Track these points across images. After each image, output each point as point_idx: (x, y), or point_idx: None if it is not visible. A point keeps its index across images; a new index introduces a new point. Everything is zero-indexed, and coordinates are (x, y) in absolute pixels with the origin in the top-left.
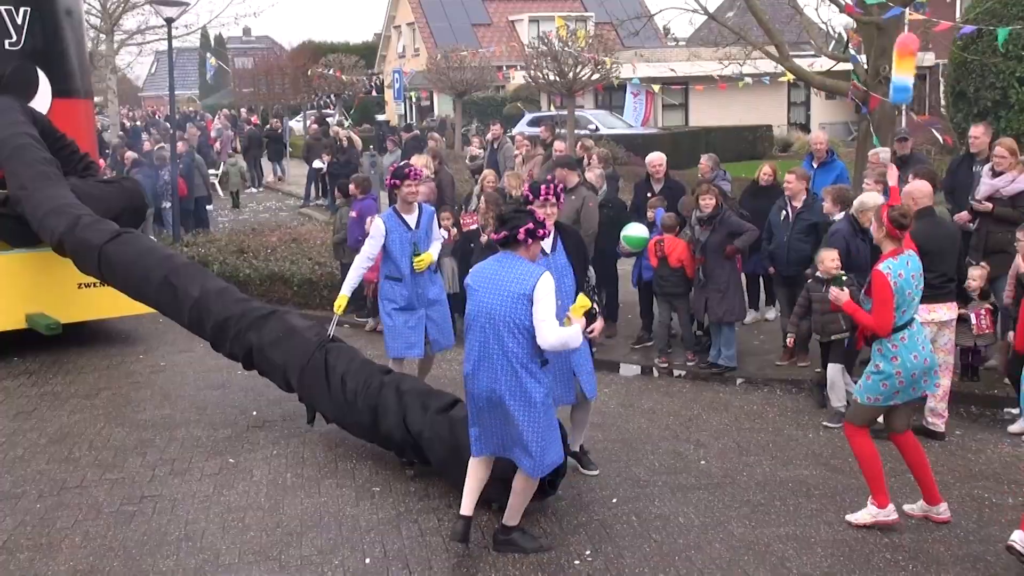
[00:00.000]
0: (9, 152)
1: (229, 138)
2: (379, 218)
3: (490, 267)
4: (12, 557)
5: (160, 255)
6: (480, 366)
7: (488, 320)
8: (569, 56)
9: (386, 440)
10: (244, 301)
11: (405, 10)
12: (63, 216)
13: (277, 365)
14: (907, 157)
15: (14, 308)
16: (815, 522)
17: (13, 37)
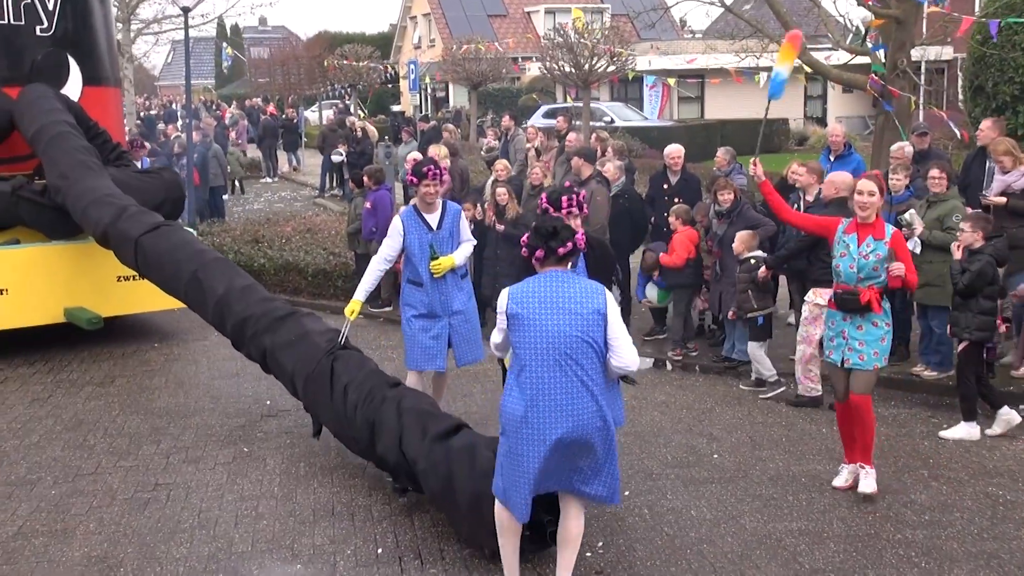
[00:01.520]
0: (48, 140)
1: (244, 128)
2: (397, 216)
3: (540, 288)
4: (27, 543)
5: (193, 250)
6: (547, 404)
7: (555, 348)
8: (585, 48)
9: (381, 461)
10: (266, 301)
11: (421, 0)
12: (107, 207)
13: (286, 370)
14: (925, 152)
15: (52, 302)
16: (828, 517)
17: (44, 23)
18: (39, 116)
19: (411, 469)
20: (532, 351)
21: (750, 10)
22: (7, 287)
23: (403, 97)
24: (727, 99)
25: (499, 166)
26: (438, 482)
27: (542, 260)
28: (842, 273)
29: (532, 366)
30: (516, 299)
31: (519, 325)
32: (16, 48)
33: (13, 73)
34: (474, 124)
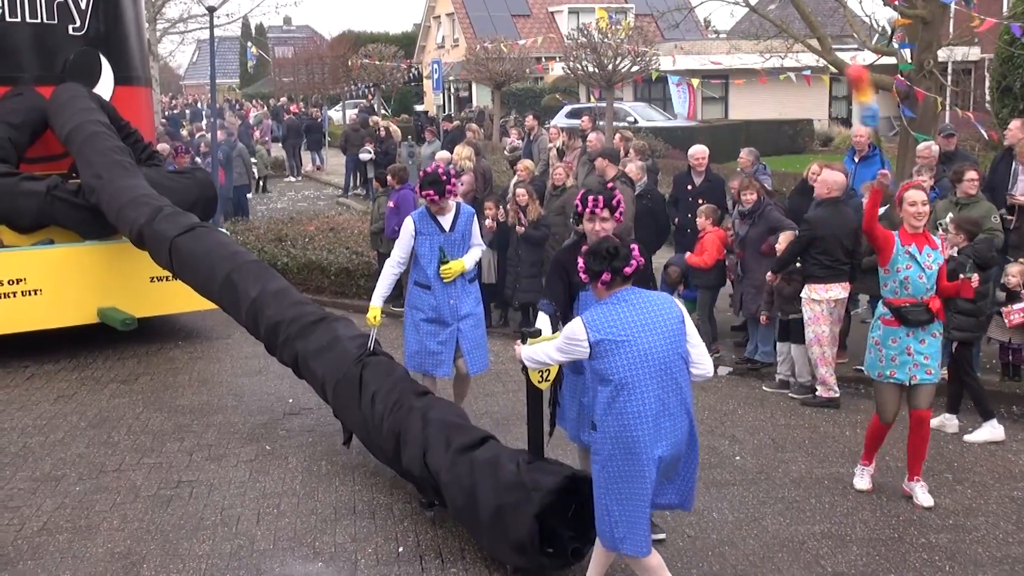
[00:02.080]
0: (82, 140)
1: (268, 127)
2: (409, 217)
3: (624, 311)
4: (52, 538)
5: (228, 251)
6: (652, 425)
7: (656, 368)
8: (609, 48)
9: (407, 473)
10: (298, 305)
11: (445, 0)
12: (143, 207)
13: (317, 376)
14: (952, 153)
15: (85, 302)
16: (851, 520)
17: (77, 22)
18: (73, 116)
19: (435, 482)
20: (632, 374)
21: (775, 10)
22: (41, 287)
23: (426, 97)
24: (751, 99)
25: (520, 167)
26: (461, 495)
27: (609, 283)
28: (911, 286)
29: (633, 389)
30: (599, 326)
31: (611, 351)
32: (49, 47)
33: (46, 72)
34: (497, 124)
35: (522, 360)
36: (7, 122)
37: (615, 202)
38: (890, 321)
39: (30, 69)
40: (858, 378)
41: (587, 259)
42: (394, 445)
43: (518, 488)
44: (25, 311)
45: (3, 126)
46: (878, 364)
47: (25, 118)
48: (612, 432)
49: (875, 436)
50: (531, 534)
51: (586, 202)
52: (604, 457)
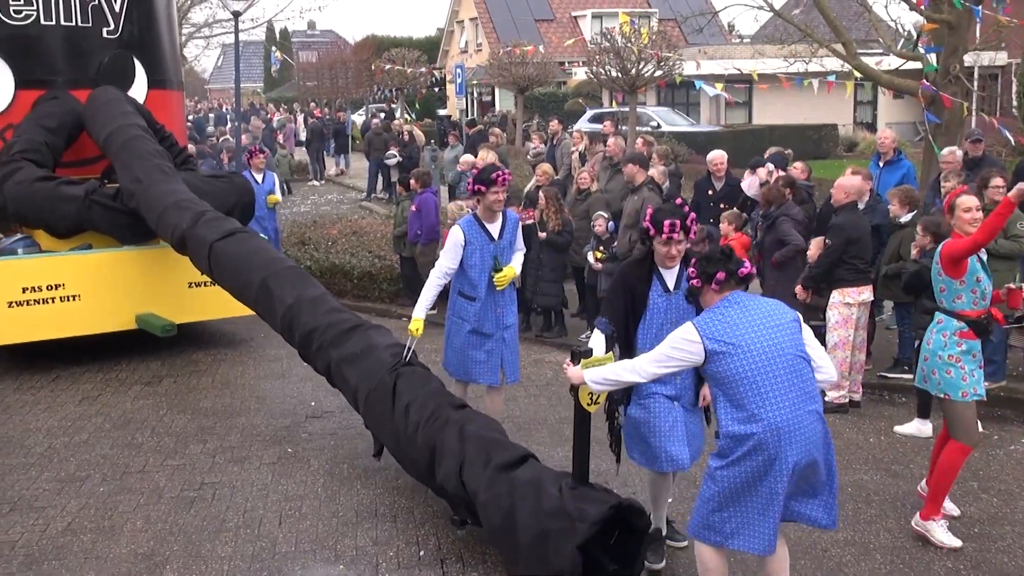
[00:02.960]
0: (120, 144)
1: (292, 131)
2: (457, 226)
3: (740, 314)
4: (76, 538)
5: (266, 257)
6: (792, 426)
7: (785, 367)
8: (632, 52)
9: (440, 489)
10: (334, 312)
11: (468, 5)
12: (185, 211)
13: (350, 385)
14: (979, 159)
15: (124, 308)
16: (874, 528)
17: (111, 25)
18: (111, 119)
19: (470, 500)
20: (757, 375)
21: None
22: (79, 293)
23: (450, 101)
24: (775, 104)
25: (539, 171)
26: (499, 516)
27: (723, 283)
28: (988, 295)
29: (758, 389)
30: (714, 331)
31: (730, 354)
32: (83, 50)
33: (80, 76)
34: (520, 128)
35: (585, 382)
36: (43, 126)
37: (690, 221)
38: (968, 334)
39: (64, 72)
40: (883, 384)
41: (700, 263)
42: (428, 458)
43: (561, 516)
44: (64, 317)
45: (39, 130)
46: (961, 383)
47: (61, 122)
48: (738, 434)
49: (955, 467)
50: (574, 566)
51: (661, 226)
52: (731, 461)
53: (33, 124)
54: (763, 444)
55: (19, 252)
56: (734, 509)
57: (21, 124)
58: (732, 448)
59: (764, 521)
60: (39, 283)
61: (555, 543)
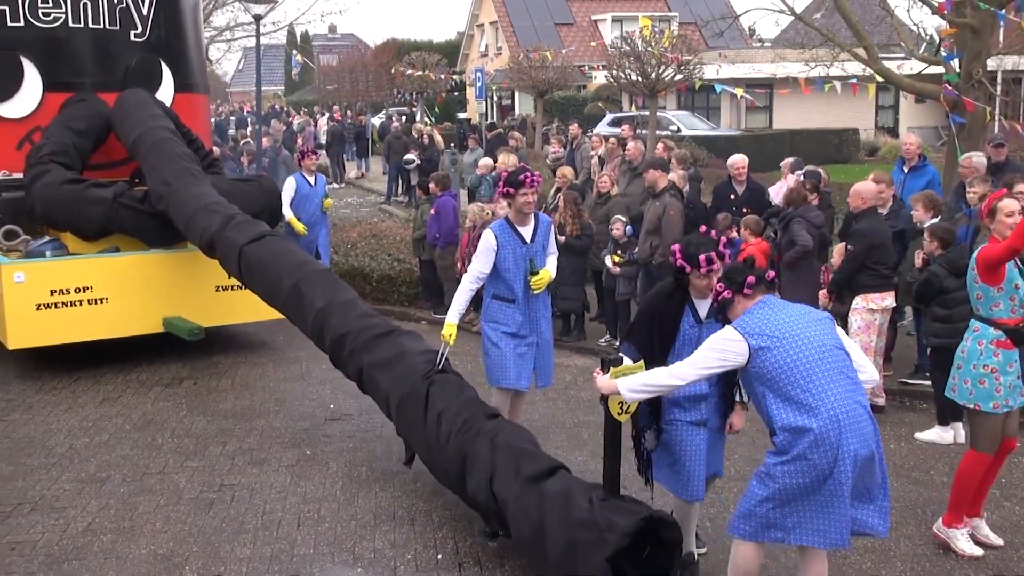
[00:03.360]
0: (149, 146)
1: (311, 134)
2: (489, 230)
3: (775, 312)
4: (96, 539)
5: (296, 261)
6: (852, 415)
7: (829, 358)
8: (652, 56)
9: (472, 500)
10: (366, 317)
11: (488, 9)
12: (214, 215)
13: (382, 391)
14: (1002, 164)
15: (151, 311)
16: (895, 535)
17: (139, 28)
18: (140, 122)
19: (501, 511)
20: (809, 367)
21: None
22: (107, 295)
23: (469, 105)
24: (796, 108)
25: (558, 174)
26: (528, 528)
27: (754, 286)
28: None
29: (809, 381)
30: (755, 330)
31: (778, 349)
32: (111, 53)
33: (107, 78)
34: (539, 132)
35: (617, 391)
36: (71, 128)
37: (722, 247)
38: (1006, 343)
39: (92, 75)
40: (903, 391)
41: (727, 276)
42: (459, 467)
43: (590, 527)
44: (91, 320)
45: (68, 132)
46: (994, 394)
47: (89, 124)
48: (796, 427)
49: (976, 478)
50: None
51: (697, 262)
52: (792, 456)
53: (61, 127)
54: (824, 437)
55: (47, 254)
56: (797, 504)
57: (49, 126)
58: (791, 443)
59: (831, 513)
60: (67, 286)
61: (584, 554)
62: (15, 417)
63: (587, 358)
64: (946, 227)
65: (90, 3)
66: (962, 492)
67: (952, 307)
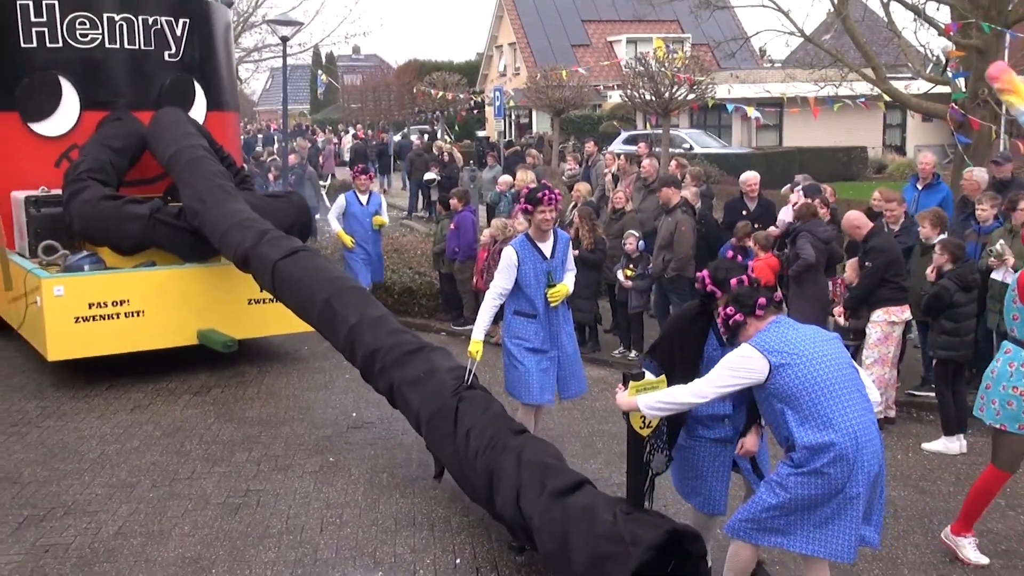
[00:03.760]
0: (184, 164)
1: (331, 151)
2: (510, 247)
3: (789, 331)
4: (126, 542)
5: (328, 276)
6: (868, 432)
7: (843, 376)
8: (665, 76)
9: (500, 517)
10: (397, 333)
11: (507, 31)
12: (248, 230)
13: (412, 407)
14: (1008, 181)
15: (186, 324)
16: (902, 543)
17: (172, 49)
18: (175, 140)
19: (527, 526)
20: (829, 384)
21: (830, 40)
22: (143, 308)
23: (488, 123)
24: (805, 127)
25: (574, 190)
26: (553, 542)
27: (765, 307)
28: None
29: (829, 395)
30: (773, 347)
31: (797, 366)
32: (146, 73)
33: (142, 97)
34: (556, 149)
35: (639, 408)
36: (108, 146)
37: (751, 271)
38: None
39: (127, 94)
40: (910, 402)
41: (737, 300)
42: (487, 484)
43: (615, 540)
44: (128, 332)
45: (105, 150)
46: (1021, 416)
47: (125, 142)
48: (817, 445)
49: (992, 492)
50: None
51: (728, 287)
52: (809, 470)
53: (98, 144)
54: (844, 453)
55: (85, 269)
56: (803, 514)
57: (86, 144)
58: (810, 458)
59: (836, 526)
60: (104, 299)
61: (609, 568)
62: (49, 424)
63: (601, 369)
64: (957, 242)
65: (126, 24)
66: (975, 505)
67: (960, 320)
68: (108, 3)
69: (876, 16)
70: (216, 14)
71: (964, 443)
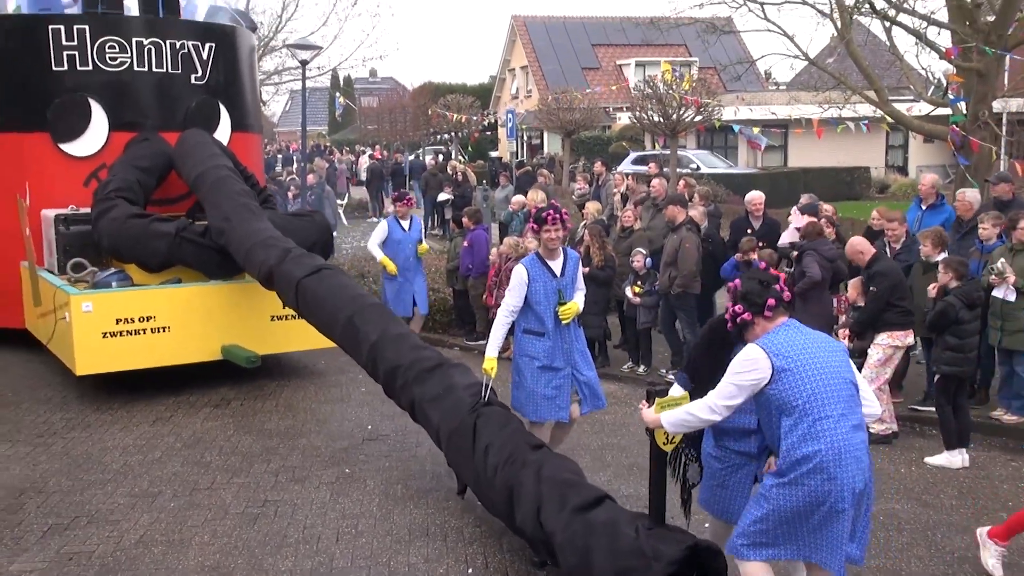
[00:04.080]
0: (210, 184)
1: (342, 171)
2: (520, 265)
3: (794, 335)
4: (147, 551)
5: (351, 294)
6: (853, 448)
7: (839, 390)
8: (673, 99)
9: (521, 532)
10: (417, 350)
11: (519, 54)
12: (272, 249)
13: (433, 423)
14: (1009, 201)
15: (210, 340)
16: (905, 556)
17: (199, 72)
18: (201, 160)
19: (549, 541)
20: (821, 395)
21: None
22: (169, 324)
23: (501, 144)
24: (810, 148)
25: (585, 209)
26: (575, 556)
27: (774, 308)
28: None
29: (823, 409)
30: (779, 350)
31: (797, 374)
32: (172, 95)
33: (169, 119)
34: (567, 170)
35: (661, 424)
36: (136, 166)
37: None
38: None
39: (155, 116)
40: (913, 417)
41: (745, 298)
42: (506, 499)
43: (637, 555)
44: (154, 348)
45: (132, 170)
46: None
47: (152, 162)
48: (800, 456)
49: None
50: None
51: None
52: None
53: (126, 164)
54: (823, 465)
55: (113, 285)
56: (789, 526)
57: (115, 164)
58: (790, 468)
59: (823, 535)
60: (132, 315)
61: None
62: (74, 435)
63: (610, 383)
64: (960, 260)
65: (154, 48)
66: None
67: (964, 337)
68: (137, 28)
69: (878, 40)
70: (240, 39)
71: (967, 457)
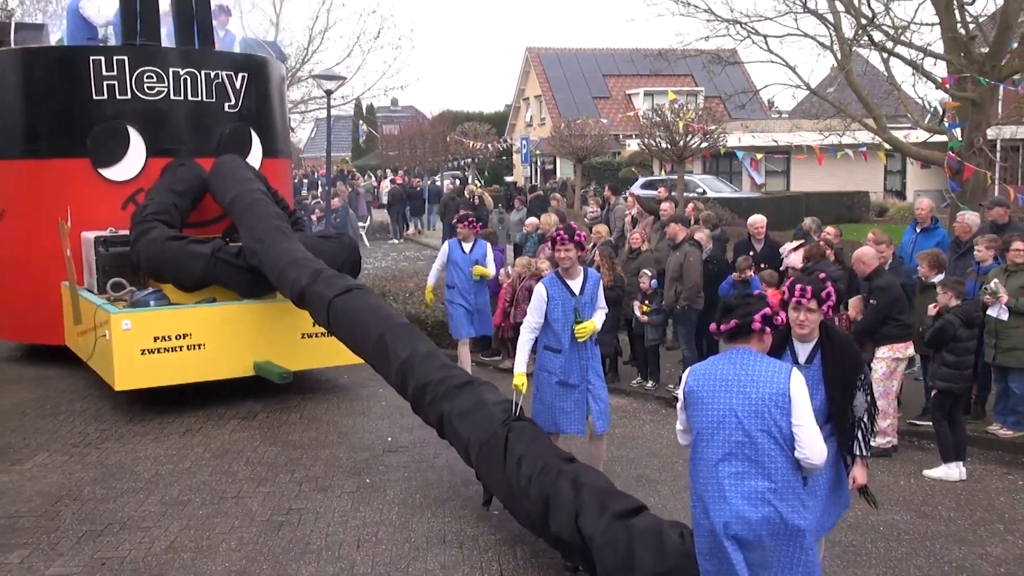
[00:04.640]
0: (244, 206)
1: (363, 194)
2: (541, 284)
3: (719, 365)
4: (177, 556)
5: (382, 314)
6: (715, 493)
7: (725, 430)
8: (680, 126)
9: (555, 539)
10: (446, 367)
11: (533, 84)
12: (304, 269)
13: (462, 438)
14: (1005, 224)
15: (243, 356)
16: (905, 565)
17: (232, 100)
18: (235, 184)
19: (585, 546)
20: (703, 431)
21: (833, 92)
22: (204, 342)
23: (516, 169)
24: (811, 173)
25: (594, 231)
26: (616, 559)
27: (731, 335)
28: None
29: (704, 444)
30: (696, 376)
31: (693, 404)
32: (207, 123)
33: (203, 145)
34: (578, 194)
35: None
36: (172, 190)
37: (824, 294)
38: None
39: (190, 142)
40: (912, 431)
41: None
42: (542, 508)
43: (686, 556)
44: (190, 364)
45: (169, 194)
46: None
47: (188, 186)
48: (696, 514)
49: None
50: None
51: (793, 290)
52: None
53: (163, 188)
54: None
55: (151, 304)
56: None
57: (152, 188)
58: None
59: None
60: (169, 332)
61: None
62: (108, 445)
63: (620, 397)
64: (958, 279)
65: (189, 78)
66: None
67: (960, 354)
68: (173, 59)
69: (877, 71)
70: (271, 69)
71: (964, 470)
